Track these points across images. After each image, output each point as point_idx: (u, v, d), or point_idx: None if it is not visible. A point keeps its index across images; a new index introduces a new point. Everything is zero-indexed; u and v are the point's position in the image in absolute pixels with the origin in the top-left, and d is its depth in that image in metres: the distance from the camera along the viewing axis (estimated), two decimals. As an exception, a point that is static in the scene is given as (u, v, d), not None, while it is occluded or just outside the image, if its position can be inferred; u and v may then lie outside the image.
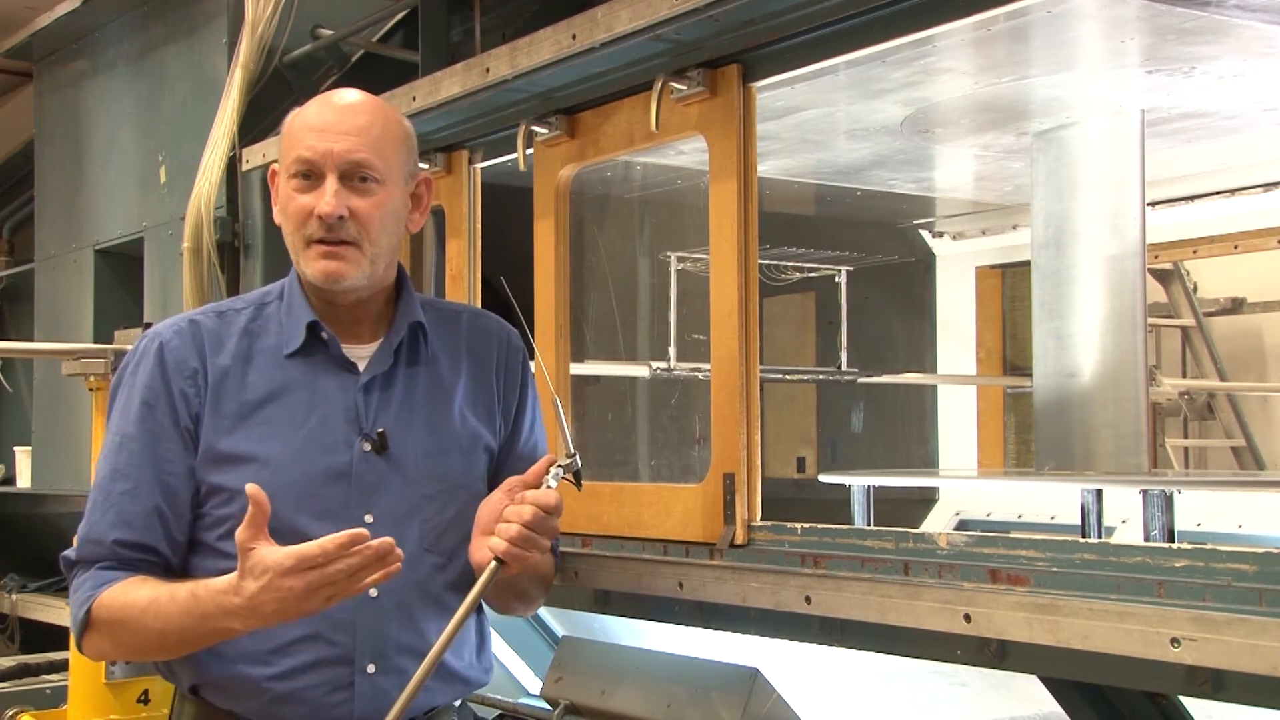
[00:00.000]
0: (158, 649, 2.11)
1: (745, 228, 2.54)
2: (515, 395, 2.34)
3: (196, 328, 2.18)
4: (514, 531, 2.06)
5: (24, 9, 5.62)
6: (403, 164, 2.19)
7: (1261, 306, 6.40)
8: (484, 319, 2.39)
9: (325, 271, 2.12)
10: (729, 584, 2.47)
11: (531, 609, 2.43)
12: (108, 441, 2.17)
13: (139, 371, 2.16)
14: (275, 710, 2.09)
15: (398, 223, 2.19)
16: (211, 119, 4.41)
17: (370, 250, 2.13)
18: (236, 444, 2.11)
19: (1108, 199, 3.43)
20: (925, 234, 5.13)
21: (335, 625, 2.09)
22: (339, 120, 2.13)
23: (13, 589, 6.23)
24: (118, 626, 2.07)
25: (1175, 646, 1.81)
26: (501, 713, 3.82)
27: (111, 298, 5.38)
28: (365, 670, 2.11)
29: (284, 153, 2.17)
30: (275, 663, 2.09)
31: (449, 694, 2.25)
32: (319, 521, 2.05)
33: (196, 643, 2.06)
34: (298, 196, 2.12)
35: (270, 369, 2.16)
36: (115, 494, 2.11)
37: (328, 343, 2.18)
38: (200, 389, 2.13)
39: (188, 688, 2.16)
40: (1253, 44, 2.72)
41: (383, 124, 2.16)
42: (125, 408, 2.16)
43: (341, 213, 2.09)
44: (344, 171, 2.11)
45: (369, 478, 2.13)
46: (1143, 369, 3.45)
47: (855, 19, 2.38)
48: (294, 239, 2.15)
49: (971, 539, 2.16)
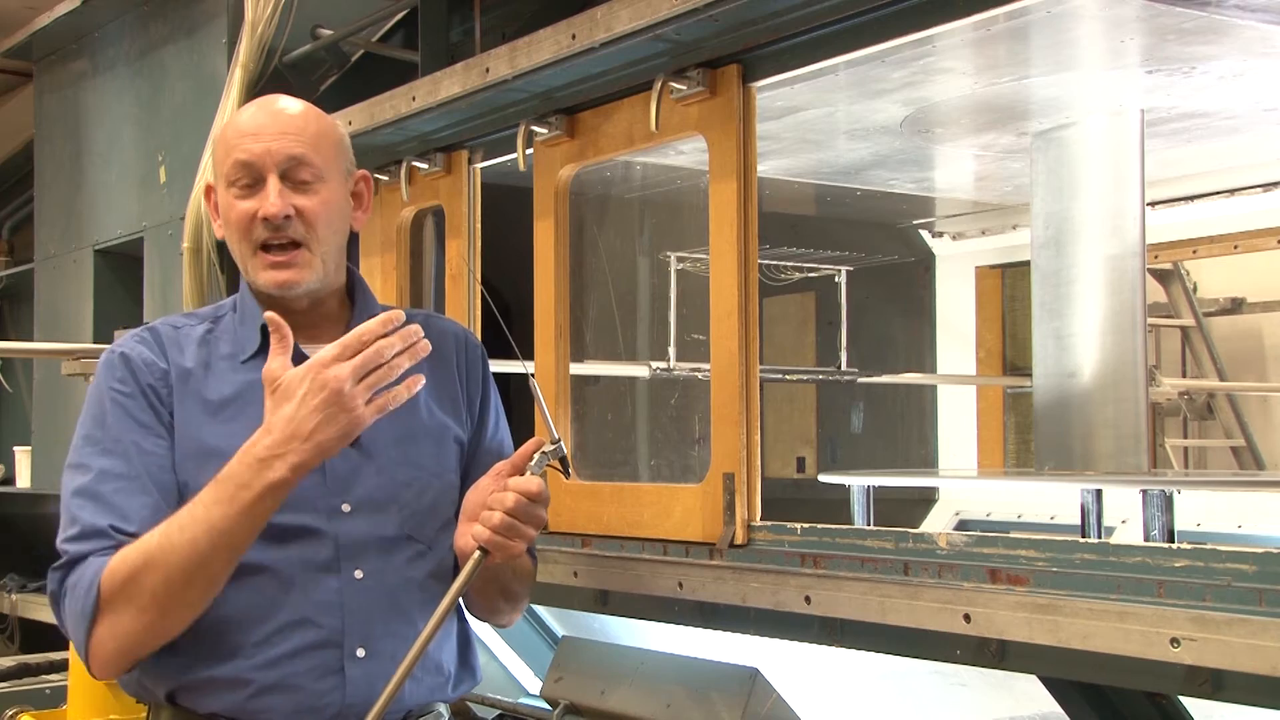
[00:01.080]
0: (192, 576, 1.94)
1: (745, 228, 2.54)
2: (479, 391, 2.34)
3: (155, 334, 2.17)
4: (497, 520, 2.04)
5: (24, 9, 5.62)
6: (339, 161, 2.19)
7: (1261, 306, 6.40)
8: (441, 321, 2.40)
9: (276, 281, 2.11)
10: (729, 584, 2.47)
11: (516, 613, 2.37)
12: (79, 454, 2.07)
13: (104, 381, 2.11)
14: (262, 703, 2.05)
15: (343, 220, 2.19)
16: (211, 119, 4.41)
17: (319, 249, 2.13)
18: (205, 439, 2.08)
19: (1108, 199, 3.43)
20: (925, 234, 5.14)
21: (322, 608, 2.07)
22: (272, 122, 2.13)
23: (13, 589, 6.24)
24: (138, 576, 1.94)
25: (1175, 646, 1.81)
26: (501, 712, 3.82)
27: (111, 298, 5.38)
28: (355, 655, 2.08)
29: (218, 163, 2.15)
30: (261, 652, 2.05)
31: (437, 688, 2.21)
32: (295, 514, 2.04)
33: (239, 536, 1.94)
34: (239, 203, 2.11)
35: (229, 373, 2.15)
36: (105, 494, 2.03)
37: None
38: (170, 387, 2.11)
39: (164, 695, 2.09)
40: (1253, 44, 2.72)
41: (316, 122, 2.17)
42: (98, 418, 2.09)
43: (287, 211, 2.08)
44: (284, 171, 2.10)
45: (342, 468, 2.11)
46: (1142, 369, 3.45)
47: (855, 19, 2.38)
48: (241, 248, 2.13)
49: (971, 539, 2.16)
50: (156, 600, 1.96)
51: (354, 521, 2.11)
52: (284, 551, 2.06)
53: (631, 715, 2.88)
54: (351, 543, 2.10)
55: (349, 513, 2.10)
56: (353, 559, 2.10)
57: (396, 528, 2.15)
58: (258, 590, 2.05)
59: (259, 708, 2.05)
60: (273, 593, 2.06)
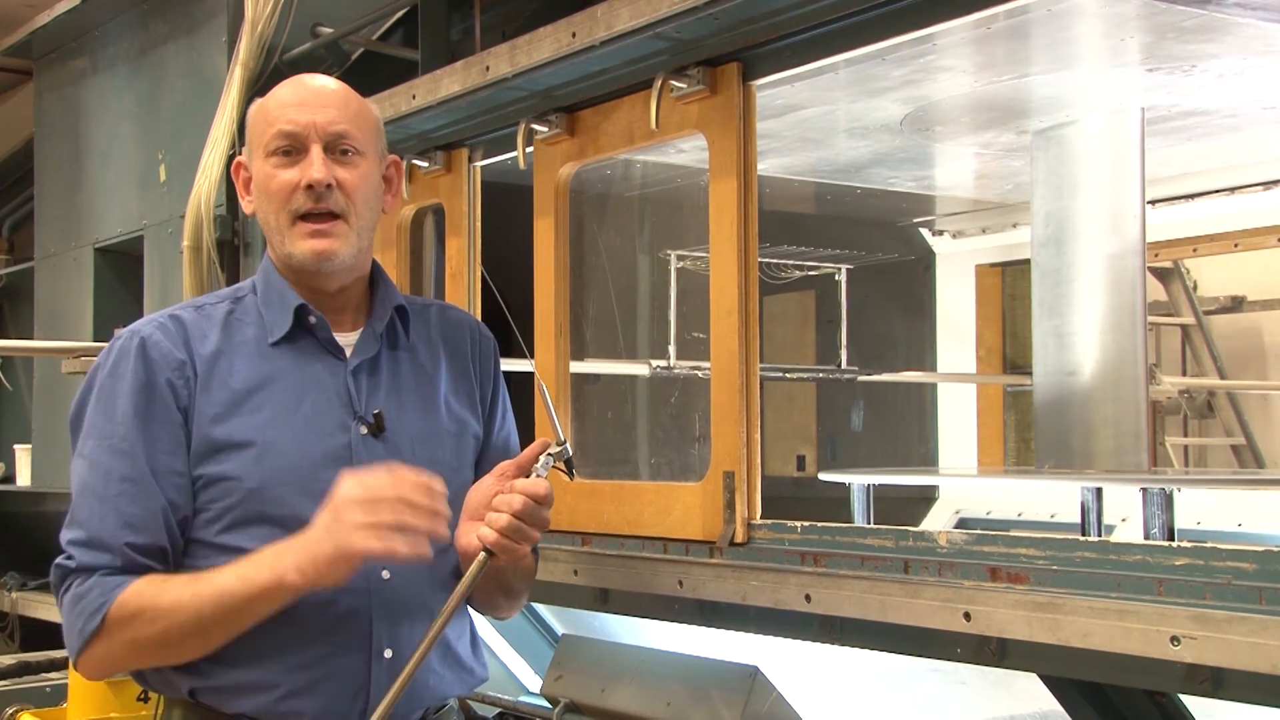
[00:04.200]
0: (188, 637, 1.99)
1: (745, 226, 2.54)
2: (490, 385, 2.34)
3: (178, 322, 2.14)
4: (504, 522, 2.04)
5: (24, 7, 5.62)
6: (376, 142, 2.20)
7: (1261, 305, 6.40)
8: (453, 311, 2.39)
9: (315, 250, 2.10)
10: (729, 582, 2.47)
11: (515, 609, 2.38)
12: (89, 446, 2.06)
13: (119, 371, 2.09)
14: (291, 705, 2.05)
15: (378, 198, 2.20)
16: (211, 117, 4.41)
17: (356, 223, 2.13)
18: (231, 431, 2.07)
19: (1108, 197, 3.43)
20: (925, 232, 5.14)
21: (350, 611, 2.07)
22: (316, 96, 2.14)
23: (13, 587, 6.24)
24: (141, 619, 1.97)
25: (1175, 645, 1.81)
26: (502, 710, 3.82)
27: (111, 296, 5.38)
28: (382, 655, 2.08)
29: (258, 135, 2.15)
30: (291, 655, 2.05)
31: (460, 685, 2.23)
32: (320, 506, 2.02)
33: (241, 617, 1.97)
34: (279, 173, 2.10)
35: (255, 358, 2.13)
36: (112, 496, 2.02)
37: (314, 328, 2.15)
38: (189, 380, 2.08)
39: (186, 691, 2.09)
40: (1252, 42, 2.72)
41: (356, 102, 2.18)
42: (109, 409, 2.06)
43: (330, 180, 2.09)
44: (328, 143, 2.11)
45: (367, 461, 2.10)
46: (1143, 367, 3.45)
47: (855, 17, 2.37)
48: (278, 219, 2.12)
49: (971, 537, 2.16)
50: (154, 646, 2.01)
51: None
52: None
53: (631, 713, 2.88)
54: None
55: None
56: (379, 559, 2.10)
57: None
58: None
59: (287, 709, 2.06)
60: (303, 595, 2.04)
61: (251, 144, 2.17)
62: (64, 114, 5.69)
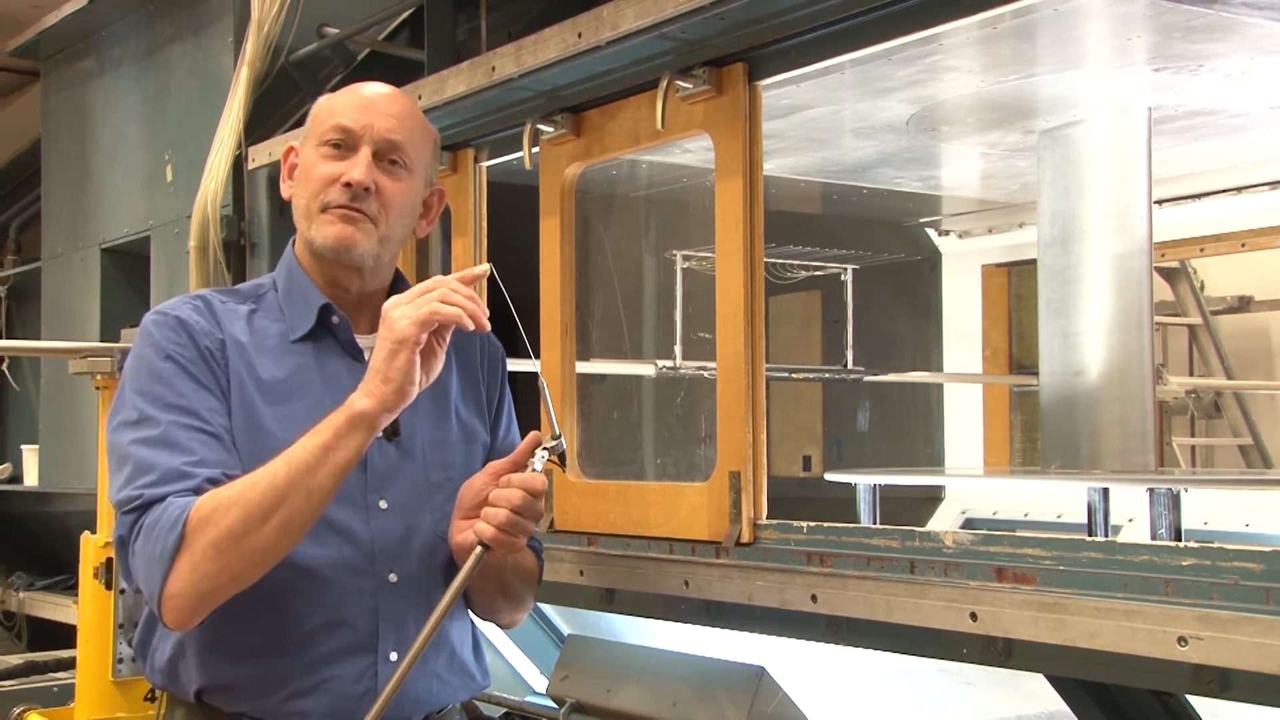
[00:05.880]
0: (269, 513, 1.91)
1: (751, 226, 2.54)
2: (497, 392, 2.35)
3: (208, 303, 2.15)
4: (502, 516, 2.04)
5: (30, 8, 5.63)
6: (427, 165, 2.23)
7: (1269, 305, 6.38)
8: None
9: (339, 235, 2.11)
10: (735, 582, 2.47)
11: (518, 614, 2.36)
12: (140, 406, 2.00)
13: (160, 339, 2.06)
14: (296, 705, 2.05)
15: (412, 217, 2.21)
16: (218, 117, 4.42)
17: (384, 230, 2.14)
18: (259, 417, 2.07)
19: (1114, 197, 3.42)
20: (931, 232, 5.13)
21: (357, 612, 2.08)
22: (383, 103, 2.17)
23: (20, 587, 6.26)
24: (219, 510, 1.90)
25: (1182, 645, 1.81)
26: (508, 710, 3.82)
27: (118, 296, 5.40)
28: (388, 658, 2.09)
29: (317, 124, 2.17)
30: (298, 655, 2.05)
31: (462, 691, 2.24)
32: (336, 505, 2.03)
33: (319, 474, 1.92)
34: (324, 163, 2.13)
35: (279, 353, 2.14)
36: (180, 439, 1.97)
37: (335, 328, 2.17)
38: (225, 357, 2.08)
39: (193, 692, 2.08)
40: (1260, 41, 2.72)
41: (418, 121, 2.22)
42: (154, 372, 2.02)
43: (369, 184, 2.11)
44: (379, 149, 2.13)
45: (381, 464, 2.12)
46: (1149, 367, 3.45)
47: (861, 17, 2.37)
48: (310, 205, 2.13)
49: (978, 537, 2.15)
50: (234, 538, 1.91)
51: (388, 520, 2.11)
52: (322, 551, 2.06)
53: (637, 713, 2.88)
54: (385, 544, 2.11)
55: (385, 510, 2.11)
56: (387, 562, 2.11)
57: (428, 529, 2.16)
58: (296, 592, 2.05)
59: (293, 710, 2.06)
60: (310, 595, 2.06)
61: (308, 131, 2.20)
62: (71, 115, 5.70)
